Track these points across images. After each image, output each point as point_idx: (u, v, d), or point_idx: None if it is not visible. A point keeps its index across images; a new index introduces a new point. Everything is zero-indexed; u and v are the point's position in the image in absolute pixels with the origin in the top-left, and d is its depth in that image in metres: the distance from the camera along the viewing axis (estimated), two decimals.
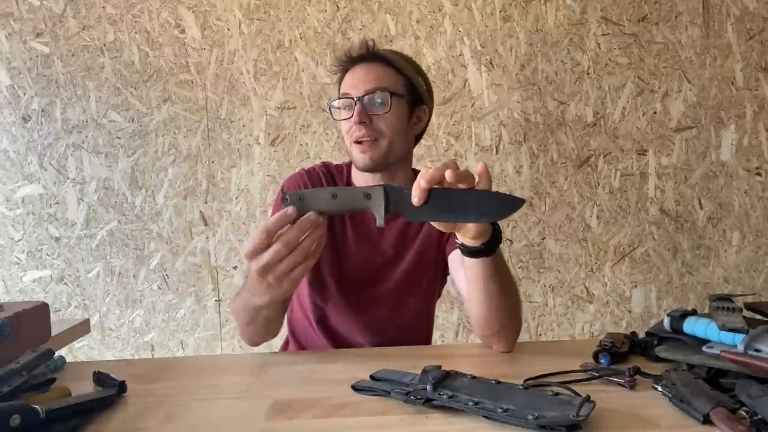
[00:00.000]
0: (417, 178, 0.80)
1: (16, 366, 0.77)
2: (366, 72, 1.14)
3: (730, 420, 0.63)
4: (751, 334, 0.76)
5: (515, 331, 0.98)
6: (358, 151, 1.13)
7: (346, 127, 1.14)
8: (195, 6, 1.74)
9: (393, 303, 1.18)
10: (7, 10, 1.72)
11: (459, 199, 0.79)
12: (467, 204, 0.79)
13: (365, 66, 1.15)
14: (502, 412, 0.67)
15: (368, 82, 1.13)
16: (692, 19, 1.80)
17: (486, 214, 0.80)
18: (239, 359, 1.05)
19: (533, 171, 1.82)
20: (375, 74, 1.14)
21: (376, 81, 1.13)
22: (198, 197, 1.78)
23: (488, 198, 0.80)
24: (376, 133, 1.12)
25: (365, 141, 1.11)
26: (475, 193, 0.80)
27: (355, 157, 1.14)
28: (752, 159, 1.85)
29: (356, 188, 0.85)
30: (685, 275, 1.87)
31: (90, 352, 1.81)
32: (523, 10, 1.77)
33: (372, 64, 1.15)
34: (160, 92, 1.76)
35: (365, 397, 0.78)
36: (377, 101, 1.12)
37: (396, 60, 1.18)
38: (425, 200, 0.78)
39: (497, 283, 0.93)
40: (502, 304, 0.95)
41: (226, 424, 0.71)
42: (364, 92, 1.12)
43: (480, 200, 0.79)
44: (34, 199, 1.77)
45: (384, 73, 1.15)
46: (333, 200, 0.82)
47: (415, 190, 0.79)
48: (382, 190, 0.80)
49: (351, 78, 1.15)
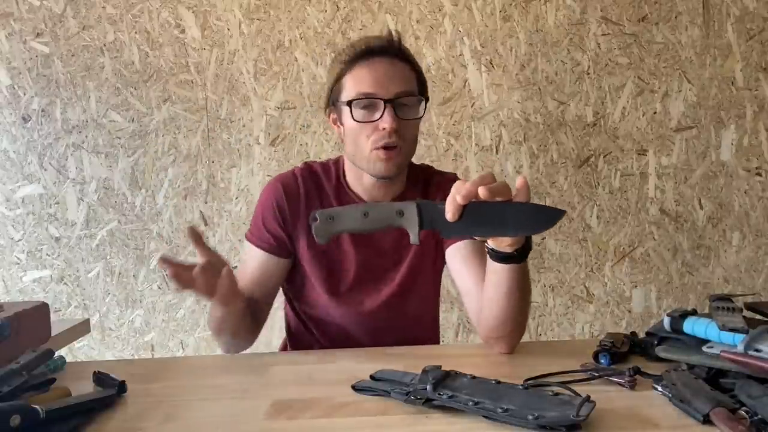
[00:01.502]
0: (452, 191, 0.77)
1: (16, 366, 0.77)
2: (393, 70, 1.04)
3: (730, 420, 0.63)
4: (751, 334, 0.76)
5: (521, 334, 0.98)
6: (381, 158, 1.03)
7: (365, 130, 1.03)
8: (195, 6, 1.74)
9: (396, 304, 1.14)
10: (7, 10, 1.72)
11: (496, 212, 0.76)
12: (505, 217, 0.77)
13: (388, 62, 1.04)
14: (502, 412, 0.67)
15: (397, 81, 1.03)
16: (692, 19, 1.80)
17: (525, 227, 0.78)
18: (239, 359, 1.06)
19: (533, 171, 1.82)
20: (402, 73, 1.05)
21: (404, 82, 1.04)
22: (198, 197, 1.78)
23: (526, 210, 0.77)
24: (403, 140, 1.04)
25: (392, 148, 1.03)
26: (512, 206, 0.77)
27: (377, 164, 1.04)
28: (752, 159, 1.85)
29: (388, 204, 0.82)
30: (685, 275, 1.87)
31: (90, 352, 1.81)
32: (523, 10, 1.77)
33: (394, 60, 1.05)
34: (160, 92, 1.76)
35: (365, 397, 0.78)
36: (407, 105, 1.04)
37: (412, 57, 1.10)
38: (460, 215, 0.76)
39: (521, 290, 0.91)
40: (518, 312, 0.93)
41: (226, 424, 0.71)
42: (394, 95, 1.02)
43: (518, 213, 0.76)
44: (34, 199, 1.77)
45: (408, 72, 1.06)
46: (365, 218, 0.79)
47: (449, 205, 0.76)
48: (416, 206, 0.78)
49: (374, 74, 1.03)
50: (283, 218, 1.12)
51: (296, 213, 1.12)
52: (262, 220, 1.14)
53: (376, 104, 1.02)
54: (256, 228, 1.14)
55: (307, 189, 1.13)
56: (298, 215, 1.12)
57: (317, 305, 1.16)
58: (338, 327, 1.15)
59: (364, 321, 1.14)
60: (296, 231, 1.13)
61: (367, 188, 1.12)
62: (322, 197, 1.14)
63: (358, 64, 1.04)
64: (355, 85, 1.04)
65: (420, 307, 1.18)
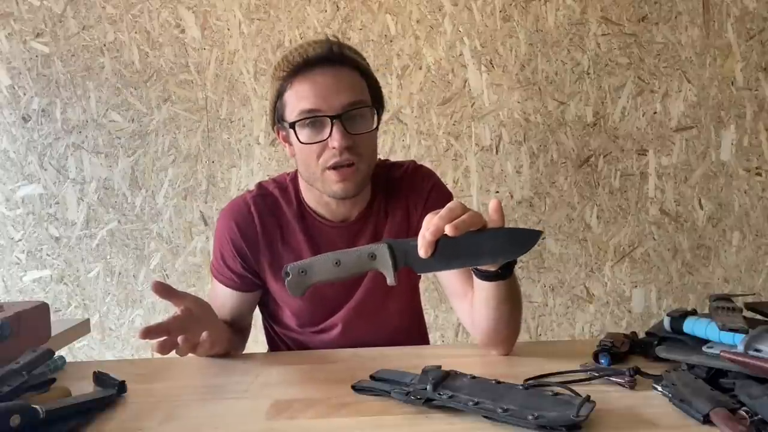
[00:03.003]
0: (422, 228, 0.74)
1: (16, 366, 0.77)
2: (336, 80, 0.94)
3: (730, 420, 0.63)
4: (751, 334, 0.76)
5: (516, 337, 0.97)
6: (335, 179, 0.95)
7: (314, 151, 0.95)
8: (195, 6, 1.74)
9: (372, 314, 1.10)
10: (7, 10, 1.72)
11: (470, 242, 0.74)
12: (480, 246, 0.74)
13: (331, 72, 0.94)
14: (502, 412, 0.67)
15: (343, 93, 0.93)
16: (692, 19, 1.80)
17: (502, 253, 0.76)
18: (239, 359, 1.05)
19: (533, 171, 1.82)
20: (348, 82, 0.95)
21: (352, 92, 0.94)
22: (198, 197, 1.78)
23: (501, 236, 0.75)
24: (357, 155, 0.95)
25: (345, 167, 0.94)
26: (487, 234, 0.75)
27: (331, 186, 0.97)
28: (752, 159, 1.85)
29: (359, 250, 0.79)
30: (685, 275, 1.87)
31: (90, 352, 1.81)
32: (523, 10, 1.77)
33: (337, 69, 0.95)
34: (160, 92, 1.76)
35: (365, 397, 0.78)
36: (358, 116, 0.95)
37: (359, 61, 0.99)
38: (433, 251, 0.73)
39: (510, 301, 0.90)
40: (510, 319, 0.92)
41: (226, 424, 0.71)
42: (341, 108, 0.93)
43: (493, 240, 0.74)
44: (34, 199, 1.77)
45: (354, 79, 0.96)
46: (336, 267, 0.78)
47: (421, 241, 0.73)
48: (387, 247, 0.76)
49: (315, 88, 0.93)
50: (242, 256, 1.05)
51: (255, 248, 1.05)
52: (222, 259, 1.07)
53: (322, 121, 0.93)
54: (219, 264, 1.08)
55: (263, 220, 1.04)
56: (258, 249, 1.05)
57: (291, 329, 1.13)
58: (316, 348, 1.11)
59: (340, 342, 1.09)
60: (260, 264, 1.06)
61: (329, 208, 1.05)
62: (282, 224, 1.06)
63: (298, 77, 0.95)
64: (297, 102, 0.95)
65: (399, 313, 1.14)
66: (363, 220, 1.08)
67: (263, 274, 1.08)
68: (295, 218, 1.05)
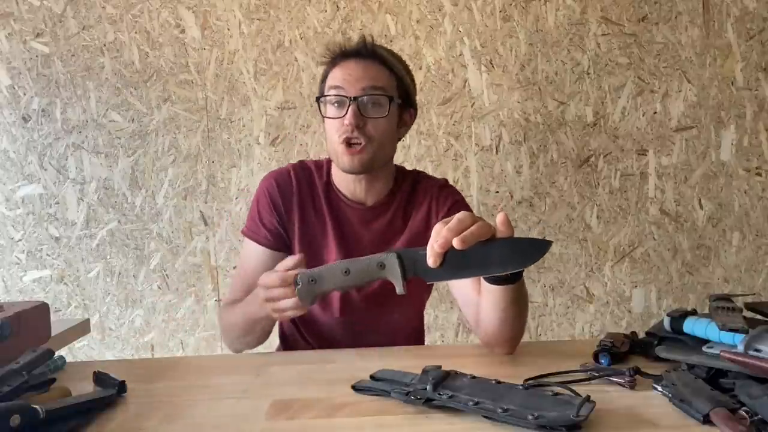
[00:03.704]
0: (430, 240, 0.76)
1: (16, 366, 0.77)
2: (362, 68, 1.08)
3: (730, 420, 0.63)
4: (751, 334, 0.76)
5: (520, 337, 0.98)
6: (345, 153, 1.07)
7: (334, 125, 1.09)
8: (195, 6, 1.74)
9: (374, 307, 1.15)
10: (7, 10, 1.72)
11: (479, 253, 0.74)
12: (489, 256, 0.75)
13: (360, 62, 1.09)
14: (502, 412, 0.67)
15: (365, 80, 1.07)
16: (692, 19, 1.80)
17: (511, 263, 0.76)
18: (239, 359, 1.06)
19: (533, 171, 1.82)
20: (372, 72, 1.08)
21: (373, 80, 1.08)
22: (198, 197, 1.78)
23: (510, 246, 0.76)
24: (367, 137, 1.07)
25: (355, 143, 1.07)
26: (495, 244, 0.75)
27: (342, 158, 1.09)
28: (752, 159, 1.85)
29: (368, 259, 0.81)
30: (685, 275, 1.87)
31: (90, 352, 1.81)
32: (523, 10, 1.77)
33: (367, 61, 1.10)
34: (160, 92, 1.76)
35: (365, 397, 0.78)
36: (374, 103, 1.07)
37: (390, 59, 1.13)
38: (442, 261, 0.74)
39: (517, 304, 0.91)
40: (517, 321, 0.94)
41: (226, 424, 0.71)
42: (360, 91, 1.06)
43: (502, 250, 0.75)
44: (34, 199, 1.77)
45: (380, 72, 1.10)
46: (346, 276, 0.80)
47: (430, 252, 0.75)
48: (396, 257, 0.77)
49: (343, 72, 1.09)
50: (278, 213, 1.15)
51: (290, 206, 1.15)
52: (258, 215, 1.17)
53: (343, 101, 1.07)
54: (253, 223, 1.17)
55: (300, 185, 1.17)
56: (292, 208, 1.15)
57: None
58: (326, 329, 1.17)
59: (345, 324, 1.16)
60: (291, 223, 1.16)
61: (348, 185, 1.16)
62: (313, 195, 1.17)
63: (336, 64, 1.11)
64: (329, 82, 1.11)
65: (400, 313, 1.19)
66: (381, 208, 1.17)
67: (292, 233, 1.15)
68: (323, 192, 1.17)
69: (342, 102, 1.07)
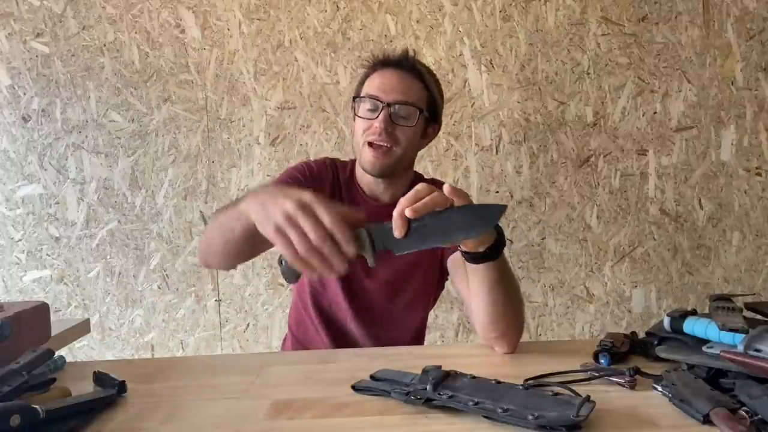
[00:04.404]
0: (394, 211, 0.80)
1: (16, 366, 0.77)
2: (399, 80, 1.16)
3: (730, 420, 0.63)
4: (751, 334, 0.76)
5: (519, 332, 0.98)
6: (370, 154, 1.14)
7: (363, 125, 1.15)
8: (195, 6, 1.74)
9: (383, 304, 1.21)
10: (7, 10, 1.72)
11: (440, 221, 0.79)
12: (450, 224, 0.79)
13: (398, 73, 1.17)
14: (502, 412, 0.67)
15: (400, 92, 1.14)
16: (692, 19, 1.80)
17: (472, 227, 0.80)
18: (239, 359, 1.06)
19: (533, 171, 1.82)
20: (407, 85, 1.16)
21: (407, 93, 1.15)
22: (198, 197, 1.78)
23: (467, 212, 0.80)
24: (393, 142, 1.14)
25: (380, 147, 1.13)
26: (454, 212, 0.79)
27: (365, 158, 1.15)
28: (752, 159, 1.85)
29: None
30: (685, 275, 1.87)
31: (90, 352, 1.81)
32: (523, 10, 1.77)
33: (406, 73, 1.17)
34: (160, 92, 1.76)
35: (365, 397, 0.78)
36: (404, 113, 1.14)
37: (427, 76, 1.20)
38: (407, 231, 0.78)
39: (503, 288, 0.93)
40: (508, 307, 0.94)
41: (226, 424, 0.71)
42: (394, 100, 1.13)
43: (461, 216, 0.79)
44: (34, 199, 1.77)
45: (415, 86, 1.17)
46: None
47: (394, 222, 0.79)
48: (365, 231, 0.80)
49: (382, 80, 1.16)
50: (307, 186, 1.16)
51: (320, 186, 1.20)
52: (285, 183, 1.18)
53: (377, 106, 1.13)
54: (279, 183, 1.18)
55: (330, 174, 1.24)
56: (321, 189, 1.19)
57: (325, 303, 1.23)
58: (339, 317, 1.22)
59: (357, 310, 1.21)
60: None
61: (368, 183, 1.22)
62: (339, 186, 1.24)
63: (377, 71, 1.19)
64: (368, 86, 1.18)
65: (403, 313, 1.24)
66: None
67: None
68: (345, 185, 1.25)
69: (376, 106, 1.14)
